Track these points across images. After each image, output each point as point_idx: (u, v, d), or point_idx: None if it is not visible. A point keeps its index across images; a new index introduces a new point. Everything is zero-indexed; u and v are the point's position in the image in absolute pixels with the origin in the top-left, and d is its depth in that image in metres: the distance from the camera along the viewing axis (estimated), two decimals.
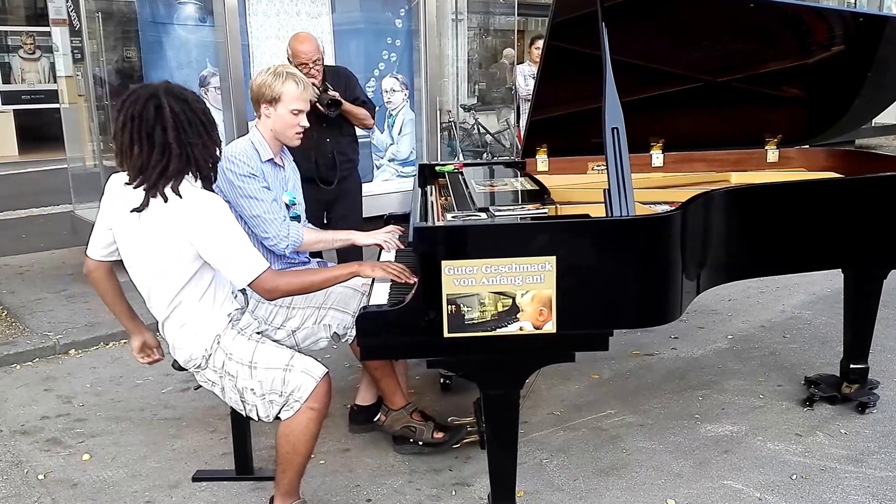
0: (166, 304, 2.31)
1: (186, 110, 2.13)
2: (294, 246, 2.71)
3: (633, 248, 2.22)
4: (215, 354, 2.33)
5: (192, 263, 2.22)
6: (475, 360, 2.22)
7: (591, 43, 2.43)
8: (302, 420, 2.28)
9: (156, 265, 2.24)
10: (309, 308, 2.69)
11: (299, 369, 2.29)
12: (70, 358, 3.99)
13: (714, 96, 3.18)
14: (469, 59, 8.84)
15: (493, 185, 3.05)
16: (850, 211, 2.82)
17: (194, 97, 2.19)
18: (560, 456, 2.91)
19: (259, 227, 2.65)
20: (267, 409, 2.30)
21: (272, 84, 2.65)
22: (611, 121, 2.25)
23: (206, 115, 2.19)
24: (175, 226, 2.15)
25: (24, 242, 6.16)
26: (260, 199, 2.63)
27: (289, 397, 2.27)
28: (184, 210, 2.13)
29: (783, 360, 3.78)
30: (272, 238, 2.66)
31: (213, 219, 2.15)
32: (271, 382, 2.28)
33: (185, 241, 2.16)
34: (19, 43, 11.00)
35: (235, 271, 2.18)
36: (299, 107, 2.68)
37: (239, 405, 2.35)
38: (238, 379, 2.31)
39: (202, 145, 2.16)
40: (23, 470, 2.86)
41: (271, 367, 2.29)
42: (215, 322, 2.34)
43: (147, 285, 2.32)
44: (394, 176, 6.42)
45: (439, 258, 2.08)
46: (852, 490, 2.66)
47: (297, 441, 2.30)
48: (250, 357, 2.31)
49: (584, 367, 3.66)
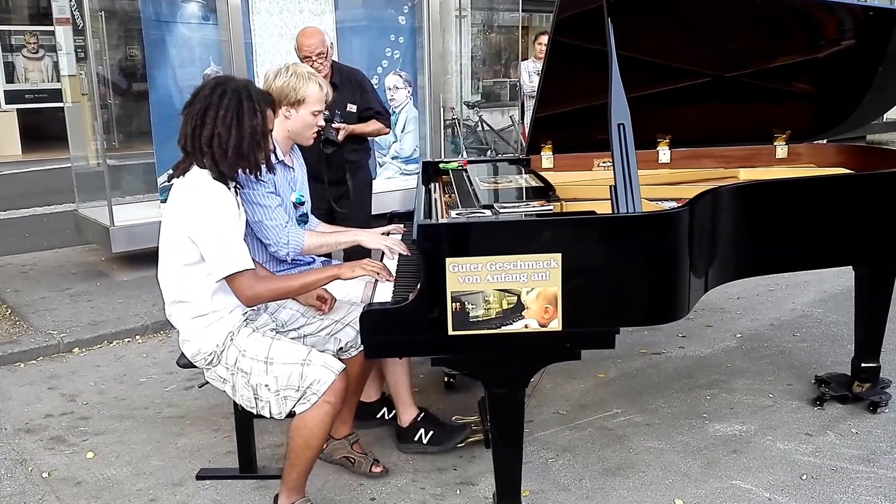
0: (171, 281, 2.35)
1: (240, 115, 2.22)
2: (294, 252, 2.69)
3: (639, 245, 2.19)
4: (228, 351, 2.34)
5: (193, 246, 2.25)
6: (480, 358, 2.19)
7: (597, 38, 2.41)
8: (318, 414, 2.28)
9: (165, 242, 2.33)
10: (327, 319, 2.68)
11: (318, 364, 2.30)
12: (74, 356, 3.98)
13: (722, 92, 3.15)
14: (473, 55, 8.82)
15: (497, 182, 3.02)
16: (860, 207, 2.79)
17: (255, 113, 2.25)
18: (566, 455, 2.88)
19: (260, 232, 2.66)
20: (280, 406, 2.31)
21: (296, 86, 2.66)
22: (617, 117, 2.22)
23: (252, 132, 2.25)
24: (178, 206, 2.26)
25: (28, 241, 6.16)
26: (263, 206, 2.62)
27: (306, 391, 2.28)
28: (186, 192, 2.24)
29: (793, 359, 3.75)
30: (273, 244, 2.66)
31: (206, 206, 2.21)
32: (288, 378, 2.29)
33: (182, 222, 2.24)
34: (23, 42, 11.01)
35: (216, 261, 2.21)
36: (320, 108, 2.73)
37: (251, 402, 2.35)
38: (252, 375, 2.32)
39: (233, 152, 2.23)
40: (27, 468, 2.85)
41: (288, 362, 2.30)
42: (229, 320, 2.35)
43: (160, 263, 2.38)
44: (397, 174, 6.40)
45: (443, 255, 2.06)
46: (863, 490, 2.63)
47: (311, 435, 2.30)
48: (266, 353, 2.32)
49: (591, 365, 3.64)
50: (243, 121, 2.23)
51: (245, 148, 2.24)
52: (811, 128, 3.39)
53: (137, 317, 4.34)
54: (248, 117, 2.23)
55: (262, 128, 2.28)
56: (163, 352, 3.98)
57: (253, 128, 2.25)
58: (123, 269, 5.24)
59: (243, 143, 2.23)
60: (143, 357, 3.95)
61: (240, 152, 2.24)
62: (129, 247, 5.08)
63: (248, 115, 2.23)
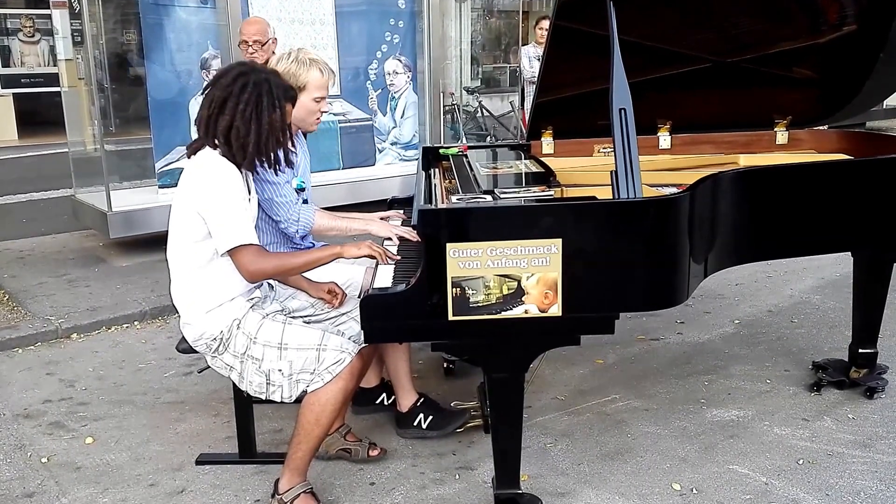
0: (178, 259, 2.36)
1: (259, 110, 2.21)
2: (305, 230, 2.70)
3: (639, 231, 2.19)
4: (235, 339, 2.34)
5: (200, 222, 2.26)
6: (480, 344, 2.20)
7: (599, 23, 2.39)
8: (332, 390, 2.29)
9: (175, 219, 2.34)
10: (334, 311, 2.68)
11: (333, 347, 2.31)
12: (72, 342, 3.98)
13: (723, 77, 3.13)
14: (473, 40, 8.77)
15: (497, 168, 3.01)
16: (860, 193, 2.78)
17: (275, 109, 2.25)
18: (564, 440, 2.90)
19: (271, 209, 2.67)
20: (291, 390, 2.32)
21: (297, 72, 2.64)
22: (618, 102, 2.21)
23: (271, 127, 2.24)
24: (188, 183, 2.27)
25: (26, 227, 6.14)
26: (272, 183, 2.63)
27: (324, 372, 2.29)
28: (195, 169, 2.26)
29: (791, 345, 3.76)
30: (283, 221, 2.68)
31: (215, 181, 2.22)
32: (303, 362, 2.30)
33: (191, 198, 2.25)
34: (19, 26, 10.92)
35: (221, 234, 2.21)
36: (322, 94, 2.71)
37: (262, 388, 2.35)
38: (264, 361, 2.32)
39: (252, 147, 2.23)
40: (26, 453, 2.86)
41: (303, 346, 2.31)
42: (232, 307, 2.35)
43: (170, 241, 2.38)
44: (396, 159, 6.38)
45: (444, 241, 2.05)
46: (859, 475, 2.64)
47: (322, 411, 2.31)
48: (279, 338, 2.32)
49: (589, 351, 3.64)
50: (262, 116, 2.22)
51: (263, 144, 2.24)
52: (812, 113, 3.38)
53: (136, 302, 4.33)
54: (267, 113, 2.23)
55: (281, 123, 2.27)
56: (161, 337, 3.98)
57: (272, 123, 2.24)
58: (121, 254, 5.23)
59: (262, 139, 2.24)
60: (142, 343, 3.95)
61: (259, 148, 2.24)
62: (127, 232, 5.07)
63: (267, 110, 2.23)
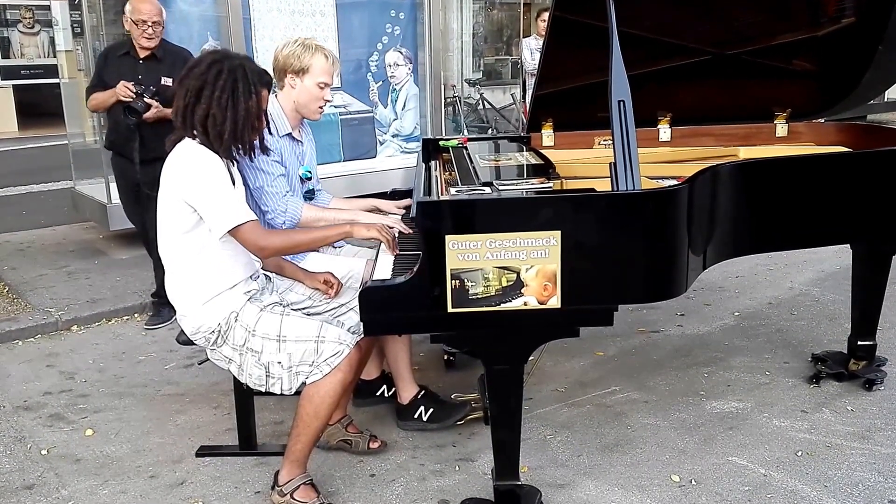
0: (169, 253, 2.35)
1: (235, 96, 2.21)
2: (292, 222, 2.69)
3: (638, 223, 2.18)
4: (233, 331, 2.34)
5: (187, 212, 2.25)
6: (479, 336, 2.20)
7: (598, 14, 2.38)
8: (331, 382, 2.29)
9: (162, 213, 2.33)
10: (333, 303, 2.68)
11: (332, 339, 2.31)
12: (72, 334, 3.98)
13: (722, 69, 3.13)
14: (474, 32, 8.74)
15: (497, 160, 3.01)
16: (859, 186, 2.78)
17: (250, 95, 2.24)
18: (564, 432, 2.90)
19: (260, 199, 2.66)
20: (291, 382, 2.32)
21: (301, 55, 2.64)
22: (617, 94, 2.20)
23: (247, 113, 2.24)
24: (170, 174, 2.27)
25: (25, 219, 6.14)
26: (266, 172, 2.63)
27: (322, 364, 2.29)
28: (176, 160, 2.26)
29: (790, 337, 3.76)
30: (271, 211, 2.67)
31: (198, 167, 2.22)
32: (302, 354, 2.30)
33: (176, 188, 2.24)
34: (18, 17, 10.88)
35: (216, 217, 2.20)
36: (326, 80, 2.69)
37: (261, 380, 2.35)
38: (263, 354, 2.32)
39: (228, 134, 2.23)
40: (26, 445, 2.87)
41: (302, 338, 2.31)
42: (229, 297, 2.34)
43: (159, 236, 2.37)
44: (397, 152, 6.36)
45: (443, 233, 2.05)
46: (858, 466, 2.65)
47: (321, 403, 2.31)
48: (278, 331, 2.32)
49: (589, 343, 3.65)
50: (238, 103, 2.22)
51: (239, 130, 2.25)
52: (811, 106, 3.37)
53: (136, 294, 4.34)
54: (243, 99, 2.23)
55: (257, 109, 2.27)
56: (162, 330, 3.98)
57: (247, 109, 2.24)
58: (121, 246, 5.23)
59: (238, 126, 2.24)
60: (142, 335, 3.95)
61: (234, 135, 2.25)
62: (127, 224, 5.05)
63: (243, 96, 2.23)
